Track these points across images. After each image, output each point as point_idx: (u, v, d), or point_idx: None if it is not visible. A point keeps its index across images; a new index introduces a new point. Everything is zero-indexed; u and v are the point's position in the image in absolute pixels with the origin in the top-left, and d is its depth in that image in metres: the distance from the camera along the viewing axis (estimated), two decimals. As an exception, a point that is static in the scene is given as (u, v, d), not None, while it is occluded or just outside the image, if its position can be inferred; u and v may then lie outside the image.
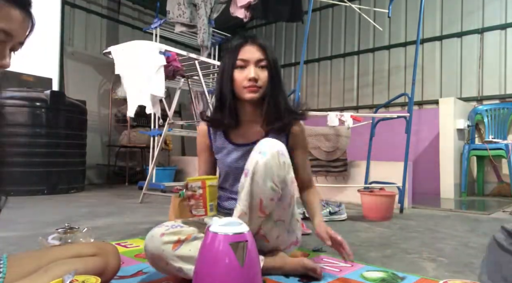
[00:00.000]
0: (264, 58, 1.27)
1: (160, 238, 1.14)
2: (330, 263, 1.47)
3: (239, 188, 1.19)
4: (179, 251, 1.13)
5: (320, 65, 6.01)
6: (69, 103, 3.99)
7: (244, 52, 1.26)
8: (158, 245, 1.13)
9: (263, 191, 1.14)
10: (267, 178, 1.14)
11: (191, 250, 1.13)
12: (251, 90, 1.26)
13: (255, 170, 1.13)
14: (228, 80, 1.27)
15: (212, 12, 4.35)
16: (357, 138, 3.84)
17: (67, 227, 1.40)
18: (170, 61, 3.15)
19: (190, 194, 1.12)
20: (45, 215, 2.53)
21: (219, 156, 1.38)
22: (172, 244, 1.13)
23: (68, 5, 5.08)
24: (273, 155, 1.14)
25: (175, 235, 1.15)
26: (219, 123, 1.34)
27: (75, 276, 0.83)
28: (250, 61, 1.25)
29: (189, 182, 1.13)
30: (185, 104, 6.25)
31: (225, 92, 1.28)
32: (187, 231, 1.17)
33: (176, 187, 4.27)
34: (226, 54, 1.30)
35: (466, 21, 4.65)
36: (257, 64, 1.26)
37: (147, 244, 1.15)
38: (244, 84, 1.25)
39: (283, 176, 1.16)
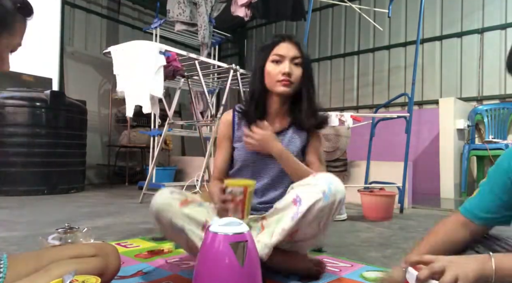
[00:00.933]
0: (299, 55, 1.31)
1: (169, 194, 1.19)
2: (330, 263, 1.47)
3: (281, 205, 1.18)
4: (185, 209, 1.17)
5: (320, 65, 6.01)
6: (69, 103, 3.99)
7: (280, 48, 1.30)
8: (166, 199, 1.18)
9: (305, 227, 1.15)
10: (316, 220, 1.14)
11: (197, 212, 1.17)
12: (284, 84, 1.28)
13: (311, 209, 1.12)
14: (261, 72, 1.31)
15: (213, 10, 4.35)
16: (357, 138, 3.84)
17: (67, 227, 1.40)
18: (170, 61, 3.15)
19: (230, 198, 1.11)
20: (45, 215, 2.53)
21: (238, 144, 1.38)
22: (179, 201, 1.18)
23: (68, 5, 5.08)
24: (334, 203, 1.15)
25: (183, 195, 1.21)
26: (246, 113, 1.37)
27: (75, 276, 0.83)
28: (286, 57, 1.29)
29: (229, 186, 1.12)
30: (185, 104, 6.25)
31: (257, 84, 1.33)
32: (193, 197, 1.24)
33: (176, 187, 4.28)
34: (262, 50, 1.34)
35: (466, 21, 4.65)
36: (292, 60, 1.29)
37: (155, 198, 1.19)
38: (278, 78, 1.28)
39: (329, 221, 1.18)
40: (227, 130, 1.41)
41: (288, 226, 1.13)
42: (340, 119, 3.21)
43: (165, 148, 5.22)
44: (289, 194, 1.19)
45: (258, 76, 1.32)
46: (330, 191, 1.14)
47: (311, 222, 1.14)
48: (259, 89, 1.33)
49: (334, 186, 1.16)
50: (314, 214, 1.12)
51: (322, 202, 1.12)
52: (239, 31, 7.04)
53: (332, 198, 1.13)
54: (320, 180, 1.17)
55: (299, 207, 1.12)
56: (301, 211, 1.12)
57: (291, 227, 1.13)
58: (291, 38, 1.33)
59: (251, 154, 1.34)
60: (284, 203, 1.17)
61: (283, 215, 1.15)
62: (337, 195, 1.15)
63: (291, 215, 1.13)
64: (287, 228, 1.13)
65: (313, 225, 1.15)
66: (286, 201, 1.17)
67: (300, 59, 1.31)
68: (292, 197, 1.15)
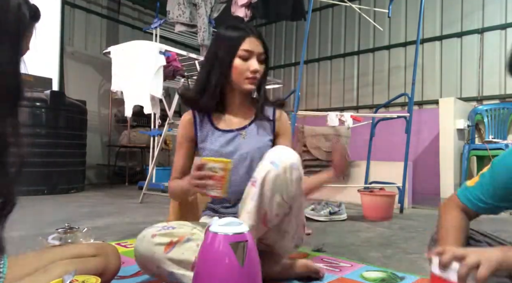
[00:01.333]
0: (264, 52, 1.29)
1: (151, 239, 1.11)
2: (330, 263, 1.47)
3: (244, 195, 1.15)
4: (171, 253, 1.09)
5: (320, 65, 6.01)
6: (69, 103, 3.99)
7: (248, 43, 1.26)
8: (149, 246, 1.10)
9: (270, 205, 1.11)
10: (275, 192, 1.11)
11: (184, 254, 1.09)
12: (251, 82, 1.27)
13: (264, 181, 1.10)
14: (227, 66, 1.26)
15: (213, 11, 4.35)
16: (357, 138, 3.84)
17: (67, 227, 1.40)
18: (170, 61, 3.15)
19: (210, 174, 1.06)
20: (45, 215, 2.53)
21: (204, 144, 1.34)
22: (164, 246, 1.09)
23: (68, 5, 5.08)
24: (285, 169, 1.10)
25: (167, 237, 1.11)
26: (198, 104, 1.32)
27: (75, 276, 0.83)
28: (254, 53, 1.26)
29: (209, 162, 1.07)
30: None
31: (218, 77, 1.27)
32: (179, 232, 1.13)
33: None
34: (224, 40, 1.28)
35: (466, 21, 4.65)
36: (259, 57, 1.28)
37: (137, 245, 1.13)
38: (246, 75, 1.26)
39: (293, 192, 1.13)
40: (188, 130, 1.35)
41: (250, 207, 1.10)
42: (340, 119, 3.21)
43: (165, 148, 5.22)
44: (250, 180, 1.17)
45: (224, 69, 1.26)
46: (279, 159, 1.11)
47: (272, 196, 1.10)
48: (222, 82, 1.28)
49: (282, 154, 1.13)
50: (270, 187, 1.09)
51: (273, 171, 1.09)
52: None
53: (282, 165, 1.10)
54: (268, 153, 1.15)
55: (256, 185, 1.10)
56: (257, 186, 1.10)
57: (253, 206, 1.09)
58: (256, 32, 1.30)
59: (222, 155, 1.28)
60: (246, 190, 1.14)
61: (246, 201, 1.13)
62: (286, 161, 1.11)
63: (250, 196, 1.11)
64: (249, 209, 1.10)
65: (276, 199, 1.11)
66: (247, 187, 1.14)
67: (264, 56, 1.29)
68: (250, 181, 1.14)
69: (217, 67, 1.27)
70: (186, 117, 1.37)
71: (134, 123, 5.24)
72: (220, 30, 1.33)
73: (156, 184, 4.03)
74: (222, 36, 1.29)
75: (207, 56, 1.34)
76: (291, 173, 1.11)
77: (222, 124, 1.35)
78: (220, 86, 1.29)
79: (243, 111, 1.36)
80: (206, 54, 1.36)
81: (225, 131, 1.33)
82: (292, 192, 1.13)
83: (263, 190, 1.10)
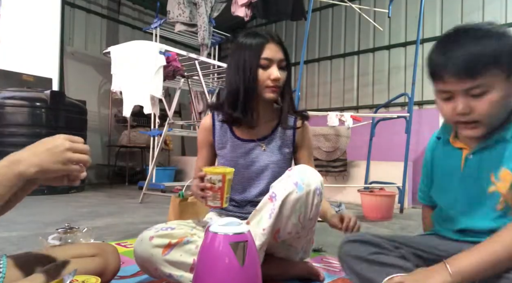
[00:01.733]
0: (284, 58, 1.26)
1: (149, 241, 1.10)
2: (330, 263, 1.47)
3: (259, 205, 1.13)
4: (169, 255, 1.09)
5: (320, 65, 6.01)
6: (69, 103, 3.99)
7: (268, 50, 1.23)
8: (147, 249, 1.09)
9: (285, 223, 1.11)
10: (293, 213, 1.10)
11: (182, 256, 1.09)
12: (273, 90, 1.24)
13: (285, 202, 1.08)
14: (252, 77, 1.22)
15: (213, 11, 4.36)
16: (357, 138, 3.84)
17: (67, 227, 1.40)
18: (170, 61, 3.15)
19: (209, 186, 1.06)
20: (45, 215, 2.53)
21: (222, 151, 1.32)
22: (162, 248, 1.09)
23: (68, 5, 5.08)
24: (308, 193, 1.10)
25: (165, 238, 1.11)
26: (236, 120, 1.27)
27: (75, 276, 0.83)
28: (274, 60, 1.23)
29: (207, 173, 1.07)
30: (185, 104, 6.25)
31: (248, 90, 1.23)
32: (178, 233, 1.13)
33: (176, 187, 4.28)
34: (245, 49, 1.24)
35: (466, 21, 4.64)
36: (279, 64, 1.24)
37: (136, 248, 1.12)
38: (267, 84, 1.23)
39: (310, 215, 1.13)
40: (207, 135, 1.34)
41: (267, 225, 1.09)
42: (340, 119, 3.21)
43: (165, 148, 5.22)
44: (268, 193, 1.15)
45: (247, 78, 1.22)
46: (302, 181, 1.10)
47: (289, 217, 1.10)
48: (248, 93, 1.23)
49: (307, 176, 1.11)
50: (290, 207, 1.09)
51: (295, 193, 1.08)
52: (239, 31, 7.04)
53: (306, 188, 1.09)
54: (293, 172, 1.13)
55: (275, 202, 1.09)
56: (276, 206, 1.08)
57: (270, 225, 1.09)
58: (276, 38, 1.27)
59: (237, 164, 1.29)
60: (262, 202, 1.13)
61: (262, 215, 1.11)
62: (311, 185, 1.10)
63: (268, 213, 1.09)
64: (266, 227, 1.09)
65: (292, 220, 1.11)
66: (264, 200, 1.13)
67: (285, 62, 1.26)
68: (269, 194, 1.12)
69: (242, 79, 1.23)
70: (205, 122, 1.35)
71: (134, 123, 5.24)
72: (239, 39, 1.28)
73: (156, 184, 4.03)
74: (243, 45, 1.25)
75: (230, 66, 1.29)
76: (313, 198, 1.11)
77: (242, 133, 1.31)
78: (249, 96, 1.24)
79: (265, 120, 1.32)
80: (229, 64, 1.30)
81: (245, 141, 1.31)
82: (309, 215, 1.13)
83: (282, 209, 1.09)
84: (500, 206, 0.88)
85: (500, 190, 0.87)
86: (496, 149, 0.90)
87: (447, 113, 0.89)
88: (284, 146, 1.33)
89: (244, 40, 1.25)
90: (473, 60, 0.81)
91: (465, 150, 0.96)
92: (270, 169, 1.29)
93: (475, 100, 0.84)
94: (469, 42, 0.83)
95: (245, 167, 1.29)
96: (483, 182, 0.90)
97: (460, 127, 0.90)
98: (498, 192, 0.88)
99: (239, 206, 1.33)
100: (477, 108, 0.84)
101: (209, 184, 1.06)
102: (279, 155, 1.31)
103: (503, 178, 0.87)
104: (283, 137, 1.33)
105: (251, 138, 1.31)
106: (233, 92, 1.25)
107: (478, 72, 0.81)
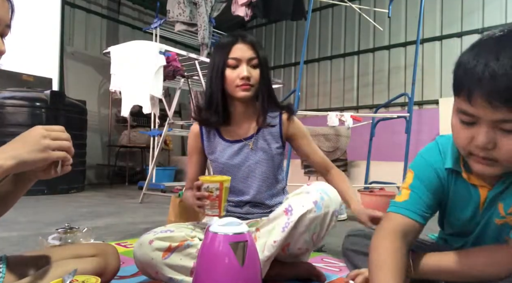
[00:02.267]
0: (255, 56, 1.26)
1: (149, 245, 1.09)
2: (330, 263, 1.47)
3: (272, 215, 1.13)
4: (169, 259, 1.08)
5: (320, 65, 6.01)
6: (69, 103, 3.99)
7: (235, 50, 1.24)
8: (147, 252, 1.09)
9: (297, 239, 1.11)
10: (307, 232, 1.10)
11: (182, 259, 1.09)
12: (244, 89, 1.24)
13: (301, 219, 1.08)
14: (219, 78, 1.25)
15: (213, 10, 4.35)
16: (357, 138, 3.84)
17: (67, 227, 1.40)
18: (170, 61, 3.15)
19: (207, 195, 1.07)
20: (45, 215, 2.53)
21: (213, 156, 1.34)
22: (162, 251, 1.09)
23: (68, 5, 5.08)
24: (326, 214, 1.10)
25: (165, 241, 1.10)
26: (207, 121, 1.31)
27: (75, 276, 0.83)
28: (242, 59, 1.24)
29: (204, 182, 1.07)
30: (185, 104, 6.25)
31: (215, 90, 1.27)
32: (178, 236, 1.12)
33: (176, 187, 4.28)
34: (216, 52, 1.28)
35: (466, 21, 4.65)
36: (249, 62, 1.25)
37: (135, 252, 1.12)
38: (236, 83, 1.24)
39: (323, 235, 1.14)
40: (196, 142, 1.36)
41: (279, 238, 1.08)
42: (340, 119, 3.21)
43: (165, 148, 5.22)
44: (283, 204, 1.14)
45: (216, 80, 1.26)
46: (322, 200, 1.09)
47: (303, 234, 1.10)
48: (219, 96, 1.27)
49: (328, 197, 1.11)
50: (305, 225, 1.08)
51: (313, 213, 1.07)
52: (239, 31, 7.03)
53: (324, 210, 1.09)
54: (313, 189, 1.12)
55: (290, 217, 1.08)
56: (291, 221, 1.07)
57: (282, 239, 1.08)
58: (245, 37, 1.27)
59: (228, 166, 1.31)
60: (277, 213, 1.12)
61: (275, 226, 1.10)
62: (330, 207, 1.10)
63: (282, 226, 1.08)
64: (278, 240, 1.08)
65: (305, 237, 1.10)
66: (279, 211, 1.12)
67: (256, 60, 1.26)
68: (284, 207, 1.11)
69: (214, 80, 1.26)
70: (193, 129, 1.37)
71: (134, 123, 5.24)
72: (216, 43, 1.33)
73: (156, 184, 4.03)
74: (216, 48, 1.30)
75: (208, 70, 1.33)
76: (330, 220, 1.11)
77: (228, 134, 1.34)
78: (218, 98, 1.27)
79: (248, 119, 1.33)
80: (208, 68, 1.34)
81: (232, 142, 1.32)
82: (323, 234, 1.13)
83: (297, 225, 1.08)
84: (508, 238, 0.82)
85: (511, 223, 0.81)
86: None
87: (463, 141, 0.73)
88: (273, 141, 1.33)
89: (218, 42, 1.31)
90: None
91: (483, 188, 0.83)
92: (261, 167, 1.30)
93: (503, 136, 0.66)
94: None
95: (237, 167, 1.30)
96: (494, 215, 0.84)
97: (473, 160, 0.74)
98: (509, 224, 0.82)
99: (237, 206, 1.33)
100: (503, 147, 0.66)
101: (206, 193, 1.06)
102: (268, 151, 1.32)
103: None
104: (270, 133, 1.33)
105: (238, 138, 1.33)
106: (208, 94, 1.29)
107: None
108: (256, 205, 1.33)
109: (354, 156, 3.71)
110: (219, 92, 1.27)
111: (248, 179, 1.31)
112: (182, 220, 1.71)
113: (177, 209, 1.80)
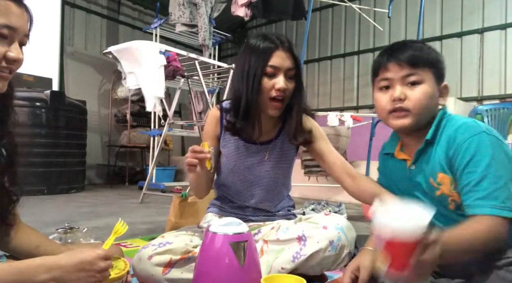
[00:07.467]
0: (293, 67, 1.16)
1: (148, 261, 1.05)
2: (330, 263, 1.46)
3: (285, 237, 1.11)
4: (169, 274, 1.05)
5: (320, 65, 6.01)
6: (69, 103, 3.99)
7: (275, 58, 1.13)
8: (146, 268, 1.05)
9: (306, 269, 1.10)
10: (318, 266, 1.10)
11: (183, 273, 1.06)
12: (275, 107, 1.16)
13: (314, 256, 1.07)
14: (257, 88, 1.13)
15: (213, 11, 4.35)
16: (357, 138, 3.83)
17: (67, 227, 1.40)
18: (170, 61, 3.15)
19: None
20: (45, 215, 2.53)
21: (225, 150, 1.26)
22: (162, 267, 1.05)
23: (68, 5, 5.08)
24: (340, 254, 1.09)
25: (165, 255, 1.06)
26: (237, 131, 1.21)
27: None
28: (281, 69, 1.14)
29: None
30: (185, 104, 6.24)
31: (251, 100, 1.15)
32: (178, 248, 1.08)
33: (176, 187, 4.28)
34: (252, 56, 1.15)
35: (466, 21, 4.65)
36: (286, 73, 1.15)
37: (134, 266, 1.08)
38: (271, 94, 1.14)
39: (333, 268, 1.13)
40: (214, 128, 1.27)
41: (288, 267, 1.08)
42: (340, 119, 3.21)
43: (165, 148, 5.22)
44: (296, 227, 1.12)
45: (253, 89, 1.13)
46: (339, 241, 1.08)
47: (313, 267, 1.09)
48: (252, 103, 1.15)
49: (345, 237, 1.09)
50: (316, 262, 1.08)
51: (327, 252, 1.07)
52: (239, 31, 7.04)
53: (339, 251, 1.08)
54: (331, 224, 1.10)
55: (303, 248, 1.07)
56: (303, 254, 1.06)
57: (290, 268, 1.08)
58: (284, 44, 1.15)
59: (241, 163, 1.24)
60: (289, 236, 1.10)
61: (284, 248, 1.09)
62: (345, 248, 1.09)
63: (292, 254, 1.08)
64: (286, 268, 1.08)
65: (315, 268, 1.10)
66: (291, 234, 1.10)
67: (294, 71, 1.16)
68: (297, 233, 1.09)
69: (245, 86, 1.15)
70: (213, 113, 1.28)
71: (134, 123, 5.24)
72: (250, 40, 1.20)
73: (156, 184, 4.03)
74: (250, 48, 1.16)
75: (236, 70, 1.23)
76: (343, 259, 1.10)
77: (247, 133, 1.22)
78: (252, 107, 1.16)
79: (270, 123, 1.25)
80: (235, 67, 1.24)
81: (249, 143, 1.25)
82: (332, 268, 1.13)
83: (308, 259, 1.08)
84: (451, 206, 0.95)
85: (445, 192, 0.95)
86: (427, 154, 0.98)
87: (384, 103, 0.99)
88: (289, 148, 1.28)
89: (253, 43, 1.17)
90: (414, 57, 0.95)
91: (408, 161, 1.04)
92: (271, 177, 1.26)
93: (410, 89, 0.95)
94: (410, 48, 0.97)
95: (247, 168, 1.25)
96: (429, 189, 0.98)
97: (392, 117, 0.98)
98: (444, 194, 0.95)
99: (239, 208, 1.31)
100: (411, 96, 0.94)
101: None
102: (282, 162, 1.27)
103: (442, 182, 0.95)
104: (287, 144, 1.28)
105: (255, 141, 1.25)
106: (236, 99, 1.19)
107: (417, 64, 0.94)
108: (258, 209, 1.30)
109: (354, 156, 3.70)
110: (253, 100, 1.15)
111: (255, 183, 1.26)
112: (182, 220, 1.71)
113: (178, 209, 1.80)
